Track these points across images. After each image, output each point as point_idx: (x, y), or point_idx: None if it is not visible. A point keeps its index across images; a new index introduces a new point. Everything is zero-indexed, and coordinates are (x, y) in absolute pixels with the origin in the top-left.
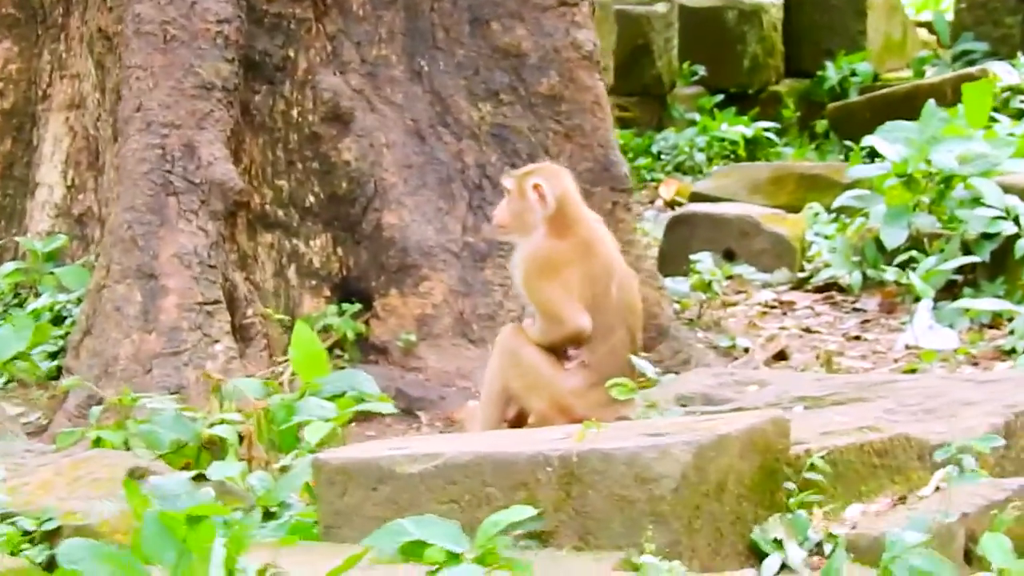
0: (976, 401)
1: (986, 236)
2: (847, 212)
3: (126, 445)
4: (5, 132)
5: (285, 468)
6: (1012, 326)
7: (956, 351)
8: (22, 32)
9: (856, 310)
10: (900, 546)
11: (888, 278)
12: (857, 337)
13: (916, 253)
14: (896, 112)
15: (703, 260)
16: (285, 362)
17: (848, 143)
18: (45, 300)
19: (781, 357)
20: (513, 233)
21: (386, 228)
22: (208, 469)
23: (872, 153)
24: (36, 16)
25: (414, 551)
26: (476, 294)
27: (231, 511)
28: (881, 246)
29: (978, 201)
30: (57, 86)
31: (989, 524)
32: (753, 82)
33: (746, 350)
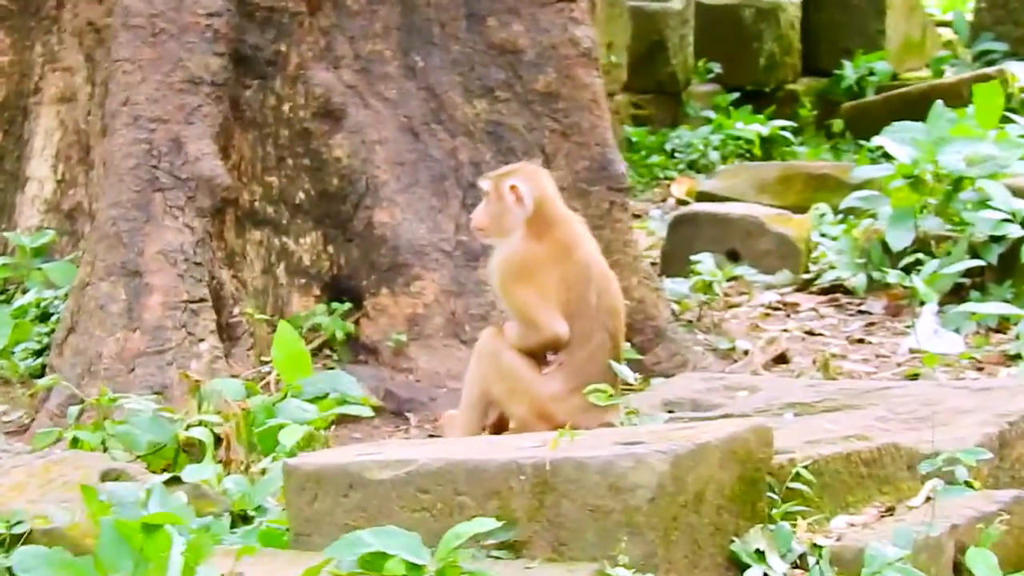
0: (970, 409)
1: (994, 239)
2: (855, 213)
3: (104, 446)
4: None
5: (265, 471)
6: (1018, 330)
7: (961, 355)
8: (14, 24)
9: (861, 313)
10: (880, 560)
11: (893, 280)
12: (861, 340)
13: (923, 255)
14: (912, 112)
15: (704, 261)
16: (271, 362)
17: (864, 143)
18: (32, 296)
19: (781, 360)
20: (492, 236)
21: (377, 226)
22: (183, 472)
23: (886, 154)
24: (29, 8)
25: (374, 563)
26: (468, 294)
27: (203, 515)
28: (887, 248)
29: (986, 203)
30: (49, 79)
31: (978, 537)
32: (769, 80)
33: (746, 352)
